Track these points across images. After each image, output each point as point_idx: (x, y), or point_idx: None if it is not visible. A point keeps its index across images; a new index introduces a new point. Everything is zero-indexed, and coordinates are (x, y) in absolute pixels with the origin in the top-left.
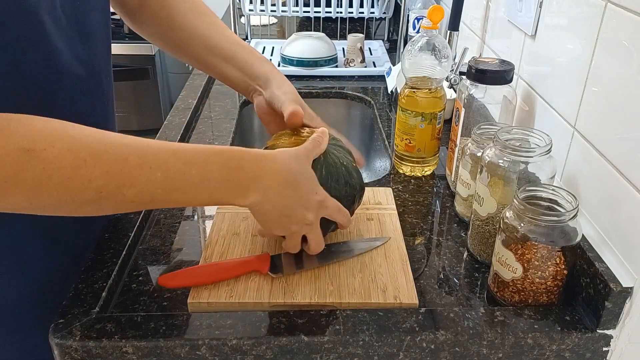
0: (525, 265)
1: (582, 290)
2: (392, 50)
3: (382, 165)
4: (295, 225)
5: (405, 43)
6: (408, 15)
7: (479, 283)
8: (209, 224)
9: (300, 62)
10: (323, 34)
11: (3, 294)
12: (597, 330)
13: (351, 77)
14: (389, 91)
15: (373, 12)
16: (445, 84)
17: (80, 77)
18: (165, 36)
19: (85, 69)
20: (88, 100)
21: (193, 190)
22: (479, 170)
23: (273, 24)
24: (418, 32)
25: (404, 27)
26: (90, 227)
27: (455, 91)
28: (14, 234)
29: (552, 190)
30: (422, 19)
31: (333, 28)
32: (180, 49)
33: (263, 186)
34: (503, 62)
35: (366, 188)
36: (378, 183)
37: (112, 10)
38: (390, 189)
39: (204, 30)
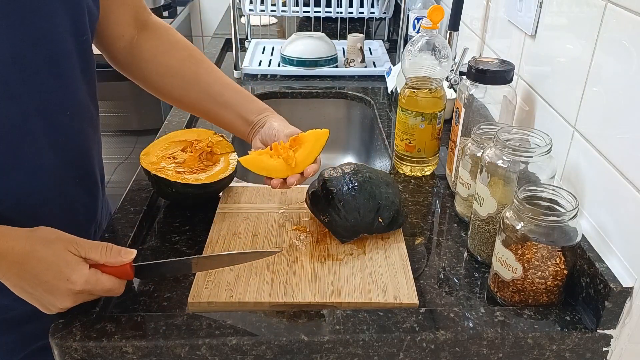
0: (526, 265)
1: (582, 290)
2: (392, 50)
3: (382, 165)
4: (47, 307)
5: (405, 43)
6: (408, 15)
7: (479, 283)
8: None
9: (300, 62)
10: (323, 34)
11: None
12: (597, 330)
13: (351, 77)
14: (389, 91)
15: (373, 12)
16: (445, 83)
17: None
18: (158, 83)
19: (24, 108)
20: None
21: None
22: (479, 170)
23: (273, 24)
24: (418, 32)
25: (404, 27)
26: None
27: (455, 91)
28: None
29: (552, 190)
30: (422, 19)
31: (333, 28)
32: (175, 96)
33: None
34: (503, 62)
35: None
36: None
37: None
38: None
39: (204, 78)
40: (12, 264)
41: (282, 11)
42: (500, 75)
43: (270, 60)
